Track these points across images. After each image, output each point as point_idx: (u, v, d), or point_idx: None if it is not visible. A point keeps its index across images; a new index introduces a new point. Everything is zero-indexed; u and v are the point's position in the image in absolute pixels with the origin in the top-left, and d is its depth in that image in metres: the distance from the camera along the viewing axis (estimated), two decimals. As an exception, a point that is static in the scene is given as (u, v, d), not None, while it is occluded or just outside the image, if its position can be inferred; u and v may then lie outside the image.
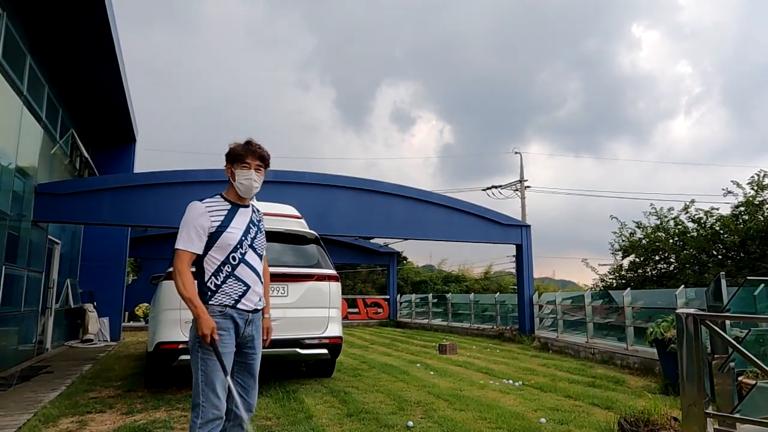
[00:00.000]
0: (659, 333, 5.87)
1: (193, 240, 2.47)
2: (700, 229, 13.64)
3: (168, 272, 5.40)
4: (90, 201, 8.67)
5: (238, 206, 2.63)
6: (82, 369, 7.40)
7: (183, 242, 2.47)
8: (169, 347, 5.07)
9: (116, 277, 12.46)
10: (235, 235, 2.53)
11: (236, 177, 2.59)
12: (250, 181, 2.58)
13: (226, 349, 2.46)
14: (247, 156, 2.59)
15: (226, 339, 2.45)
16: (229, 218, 2.56)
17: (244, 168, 2.58)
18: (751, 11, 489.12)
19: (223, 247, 2.51)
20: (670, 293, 7.35)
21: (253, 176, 2.59)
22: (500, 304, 13.74)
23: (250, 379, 2.63)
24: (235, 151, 2.61)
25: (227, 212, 2.57)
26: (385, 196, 10.93)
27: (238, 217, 2.59)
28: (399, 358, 8.74)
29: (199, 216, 2.49)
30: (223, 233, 2.50)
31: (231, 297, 2.51)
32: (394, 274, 20.83)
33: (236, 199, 2.64)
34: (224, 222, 2.53)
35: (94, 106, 10.90)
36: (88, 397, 5.33)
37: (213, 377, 2.41)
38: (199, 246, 2.49)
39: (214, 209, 2.54)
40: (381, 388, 5.77)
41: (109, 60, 8.90)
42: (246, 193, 2.61)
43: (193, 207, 2.52)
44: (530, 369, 7.44)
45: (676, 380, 5.66)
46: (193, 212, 2.50)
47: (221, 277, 2.51)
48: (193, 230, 2.47)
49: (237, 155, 2.60)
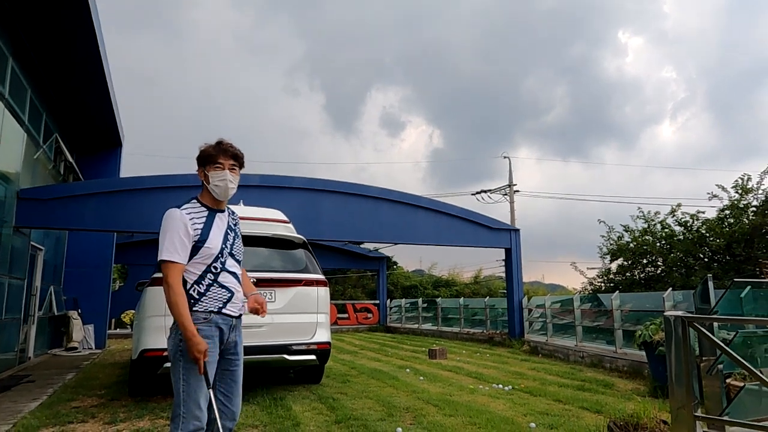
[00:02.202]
0: (648, 336, 5.88)
1: (179, 249, 2.35)
2: (687, 233, 13.77)
3: (153, 278, 5.31)
4: (74, 207, 8.52)
5: (215, 212, 2.52)
6: (65, 378, 7.24)
7: (169, 253, 2.33)
8: (153, 355, 4.97)
9: (101, 284, 12.26)
10: (216, 246, 2.45)
11: (210, 179, 2.48)
12: (225, 182, 2.47)
13: (211, 358, 2.37)
14: (219, 156, 2.49)
15: (210, 348, 2.36)
16: (208, 227, 2.45)
17: (218, 169, 2.48)
18: (733, 19, 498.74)
19: (205, 257, 2.42)
20: (658, 296, 7.39)
21: (228, 177, 2.48)
22: (490, 309, 13.74)
23: (234, 385, 2.55)
24: (206, 152, 2.51)
25: (206, 219, 2.46)
26: (373, 200, 10.89)
27: (216, 224, 2.49)
28: (388, 363, 8.68)
29: (182, 225, 2.37)
30: (203, 246, 2.41)
31: (216, 303, 2.44)
32: (383, 279, 20.78)
33: (212, 204, 2.52)
34: (204, 231, 2.43)
35: (78, 111, 10.75)
36: (70, 406, 5.21)
37: (196, 387, 2.32)
38: (185, 255, 2.37)
39: (193, 216, 2.42)
40: (370, 394, 5.71)
41: (94, 64, 8.79)
42: (222, 195, 2.50)
43: (173, 215, 2.39)
44: (520, 373, 7.42)
45: (664, 383, 5.68)
46: (175, 221, 2.37)
47: (204, 285, 2.42)
48: (178, 239, 2.35)
49: (209, 156, 2.49)
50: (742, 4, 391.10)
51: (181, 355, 2.36)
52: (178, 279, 2.33)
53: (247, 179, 9.70)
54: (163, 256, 2.33)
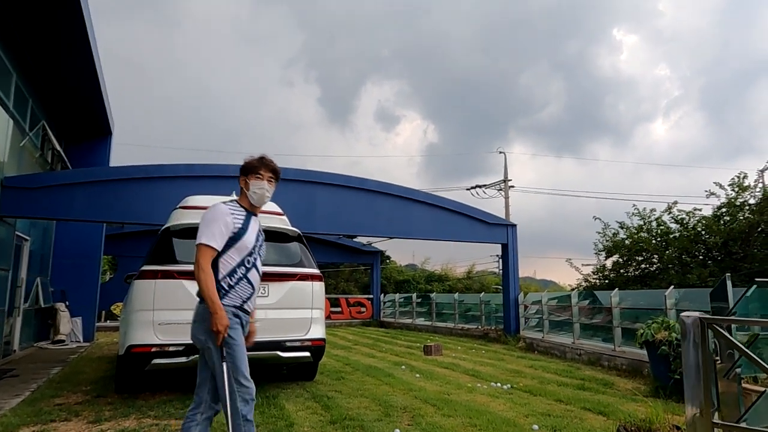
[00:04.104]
0: (650, 335, 5.75)
1: (216, 237, 2.63)
2: (683, 230, 13.71)
3: (142, 270, 5.10)
4: (61, 196, 8.25)
5: (251, 215, 2.83)
6: (50, 372, 7.03)
7: (207, 237, 2.62)
8: (141, 350, 4.78)
9: (90, 276, 12.00)
10: (250, 240, 2.75)
11: (250, 187, 2.80)
12: (263, 190, 2.80)
13: (240, 339, 2.68)
14: (260, 168, 2.82)
15: (239, 331, 2.69)
16: (247, 224, 2.77)
17: (258, 179, 2.80)
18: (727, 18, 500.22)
19: (241, 250, 2.71)
20: (659, 294, 7.27)
21: (265, 186, 2.81)
22: (485, 304, 13.62)
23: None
24: (250, 164, 2.84)
25: (245, 218, 2.77)
26: (369, 193, 10.69)
27: (252, 224, 2.81)
28: (383, 359, 8.53)
29: (225, 215, 2.68)
30: (241, 239, 2.70)
31: (239, 298, 2.72)
32: (377, 273, 20.61)
33: (249, 208, 2.84)
34: (243, 226, 2.73)
35: (67, 98, 10.45)
36: (53, 403, 5.01)
37: (239, 364, 2.62)
38: (221, 243, 2.65)
39: (235, 212, 2.74)
40: (365, 393, 5.55)
41: (82, 50, 8.50)
42: (258, 201, 2.82)
43: (219, 206, 2.72)
44: (518, 371, 7.29)
45: (666, 383, 5.56)
46: (221, 212, 2.69)
47: (235, 278, 2.70)
48: (217, 228, 2.64)
49: (252, 167, 2.83)
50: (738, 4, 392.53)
51: (212, 341, 2.61)
52: (209, 261, 2.62)
53: (238, 170, 9.45)
54: (201, 239, 2.63)
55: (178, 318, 4.90)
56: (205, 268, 2.59)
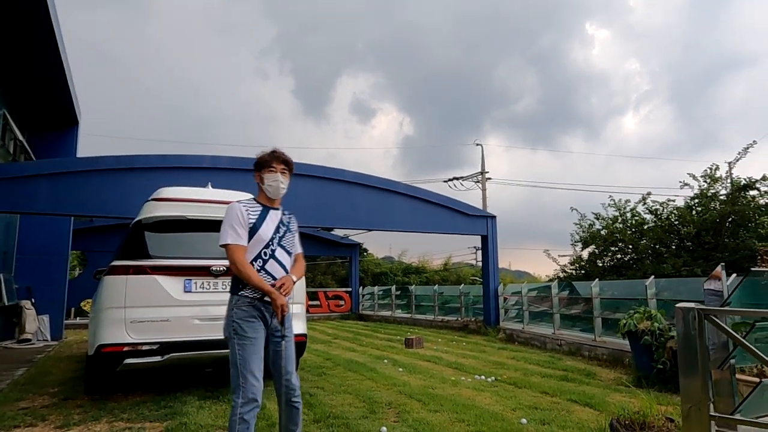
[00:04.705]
0: (632, 325, 5.76)
1: (237, 233, 2.77)
2: (657, 221, 13.93)
3: (111, 266, 4.84)
4: (23, 188, 7.83)
5: (269, 208, 2.93)
6: (15, 374, 6.68)
7: (232, 237, 2.76)
8: (111, 350, 4.52)
9: (57, 272, 11.50)
10: (267, 233, 2.83)
11: (265, 181, 2.91)
12: (277, 182, 2.90)
13: (256, 334, 2.75)
14: (273, 161, 2.92)
15: (255, 326, 2.75)
16: (261, 219, 2.86)
17: (271, 172, 2.90)
18: (695, 16, 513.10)
19: (257, 243, 2.80)
20: (639, 284, 7.32)
21: (279, 178, 2.90)
22: (464, 296, 13.62)
23: (288, 363, 2.85)
24: (262, 159, 2.94)
25: (260, 213, 2.87)
26: (347, 185, 10.50)
27: (269, 218, 2.89)
28: (364, 353, 8.40)
29: (238, 211, 2.81)
30: (257, 230, 2.81)
31: (258, 290, 2.76)
32: (356, 266, 20.47)
33: (266, 202, 2.94)
34: (258, 222, 2.84)
35: (30, 86, 9.91)
36: (17, 407, 4.71)
37: (249, 360, 2.68)
38: (244, 237, 2.78)
39: (249, 209, 2.85)
40: (348, 389, 5.41)
41: (45, 34, 8.03)
42: (274, 194, 2.92)
43: (231, 207, 2.85)
44: (500, 363, 7.26)
45: (649, 372, 5.58)
46: (233, 211, 2.82)
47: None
48: (238, 225, 2.78)
49: (264, 162, 2.93)
50: (704, 3, 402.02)
51: (235, 333, 2.72)
52: (241, 256, 2.75)
53: (215, 161, 9.14)
54: (226, 240, 2.77)
55: (152, 315, 4.67)
56: (240, 263, 2.73)
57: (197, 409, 4.46)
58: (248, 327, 2.73)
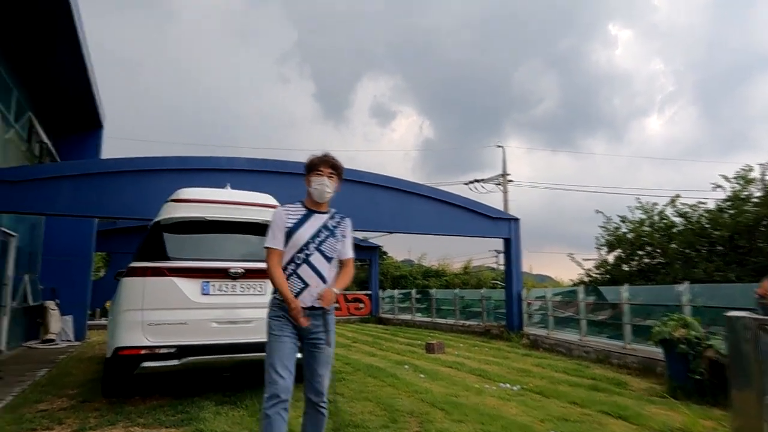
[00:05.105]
0: (667, 333, 5.48)
1: (277, 238, 2.82)
2: (687, 224, 13.46)
3: (130, 268, 4.78)
4: (46, 190, 7.88)
5: (313, 212, 2.91)
6: (37, 374, 6.70)
7: (269, 241, 2.84)
8: (129, 353, 4.46)
9: (81, 273, 11.63)
10: (302, 237, 2.81)
11: (311, 183, 2.90)
12: (323, 186, 2.87)
13: (282, 332, 2.76)
14: (321, 165, 2.90)
15: (282, 324, 2.78)
16: (301, 222, 2.85)
17: (319, 175, 2.88)
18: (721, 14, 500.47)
19: (292, 247, 2.81)
20: (672, 289, 7.01)
21: (325, 182, 2.88)
22: (486, 300, 13.35)
23: (316, 367, 2.86)
24: (311, 161, 2.94)
25: (301, 216, 2.87)
26: (369, 187, 10.36)
27: (310, 221, 2.87)
28: (385, 358, 8.24)
29: (278, 216, 2.86)
30: (293, 234, 2.81)
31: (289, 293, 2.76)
32: (376, 269, 20.33)
33: (312, 205, 2.93)
34: (296, 225, 2.84)
35: (55, 90, 10.04)
36: (36, 409, 4.68)
37: (273, 357, 2.72)
38: (281, 242, 2.82)
39: (291, 212, 2.88)
40: (369, 395, 5.25)
41: (70, 40, 8.12)
42: (319, 197, 2.89)
43: (276, 210, 2.94)
44: (525, 370, 7.02)
45: (685, 383, 5.30)
46: (275, 215, 2.90)
47: (286, 274, 2.80)
48: (277, 229, 2.83)
49: (312, 165, 2.92)
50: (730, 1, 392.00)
51: (270, 329, 2.80)
52: (274, 261, 2.82)
53: (232, 162, 9.12)
54: (265, 243, 2.86)
55: (169, 318, 4.59)
56: (270, 266, 2.81)
57: (214, 414, 4.35)
58: (275, 325, 2.78)
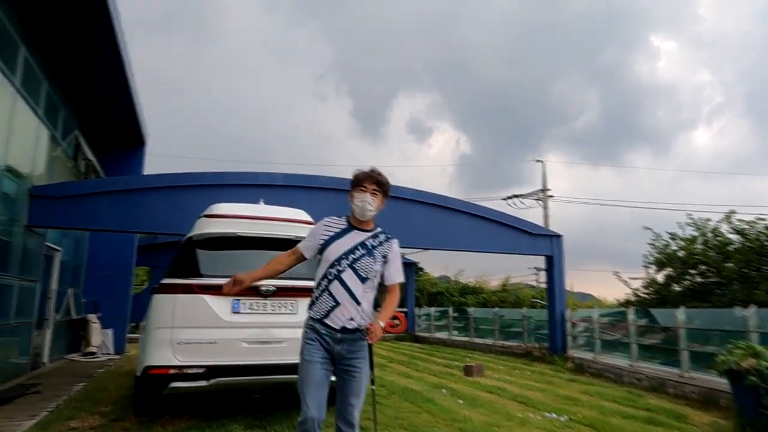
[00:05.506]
0: (734, 362, 4.97)
1: (306, 244, 2.85)
2: (746, 241, 12.60)
3: (162, 284, 4.70)
4: (88, 205, 8.04)
5: (353, 228, 2.80)
6: (73, 388, 6.73)
7: (301, 243, 2.89)
8: (158, 372, 4.35)
9: (122, 287, 11.85)
10: (335, 251, 2.71)
11: (354, 199, 2.80)
12: (364, 203, 2.75)
13: (311, 357, 2.66)
14: (365, 180, 2.80)
15: (312, 348, 2.68)
16: (338, 237, 2.76)
17: (362, 191, 2.78)
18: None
19: (325, 262, 2.75)
20: (732, 313, 6.44)
21: (367, 199, 2.76)
22: (527, 320, 12.81)
23: (347, 394, 2.71)
24: (356, 176, 2.85)
25: (340, 231, 2.78)
26: (405, 202, 10.15)
27: (348, 237, 2.76)
28: (421, 380, 7.91)
29: (318, 228, 2.85)
30: (326, 249, 2.75)
31: (319, 312, 2.71)
32: (412, 285, 20.01)
33: (355, 222, 2.83)
34: (331, 239, 2.76)
35: (100, 108, 10.36)
36: (67, 427, 4.63)
37: (303, 381, 2.66)
38: (308, 250, 2.84)
39: (331, 225, 2.82)
40: (404, 423, 4.97)
41: (115, 63, 8.39)
42: (360, 214, 2.78)
43: (320, 221, 2.88)
44: (571, 398, 6.56)
45: (755, 419, 4.78)
46: (317, 225, 2.88)
47: (318, 291, 2.75)
48: (311, 236, 2.86)
49: (357, 180, 2.83)
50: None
51: (301, 352, 2.72)
52: (285, 253, 2.91)
53: (270, 178, 9.10)
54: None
55: (199, 337, 4.46)
56: (279, 256, 2.90)
57: (243, 439, 4.17)
58: (306, 348, 2.71)
